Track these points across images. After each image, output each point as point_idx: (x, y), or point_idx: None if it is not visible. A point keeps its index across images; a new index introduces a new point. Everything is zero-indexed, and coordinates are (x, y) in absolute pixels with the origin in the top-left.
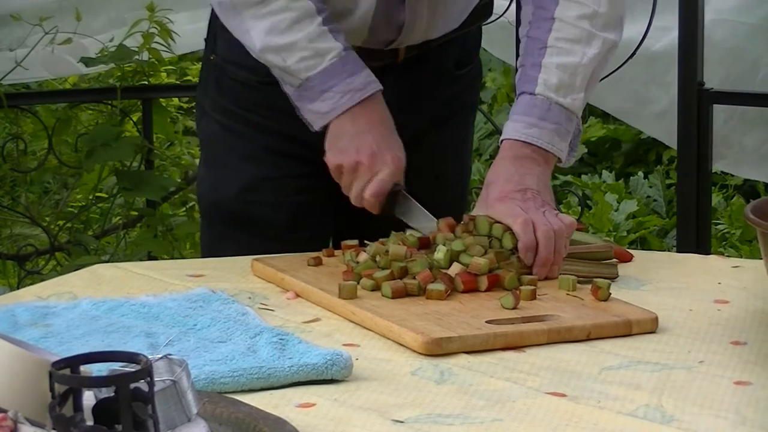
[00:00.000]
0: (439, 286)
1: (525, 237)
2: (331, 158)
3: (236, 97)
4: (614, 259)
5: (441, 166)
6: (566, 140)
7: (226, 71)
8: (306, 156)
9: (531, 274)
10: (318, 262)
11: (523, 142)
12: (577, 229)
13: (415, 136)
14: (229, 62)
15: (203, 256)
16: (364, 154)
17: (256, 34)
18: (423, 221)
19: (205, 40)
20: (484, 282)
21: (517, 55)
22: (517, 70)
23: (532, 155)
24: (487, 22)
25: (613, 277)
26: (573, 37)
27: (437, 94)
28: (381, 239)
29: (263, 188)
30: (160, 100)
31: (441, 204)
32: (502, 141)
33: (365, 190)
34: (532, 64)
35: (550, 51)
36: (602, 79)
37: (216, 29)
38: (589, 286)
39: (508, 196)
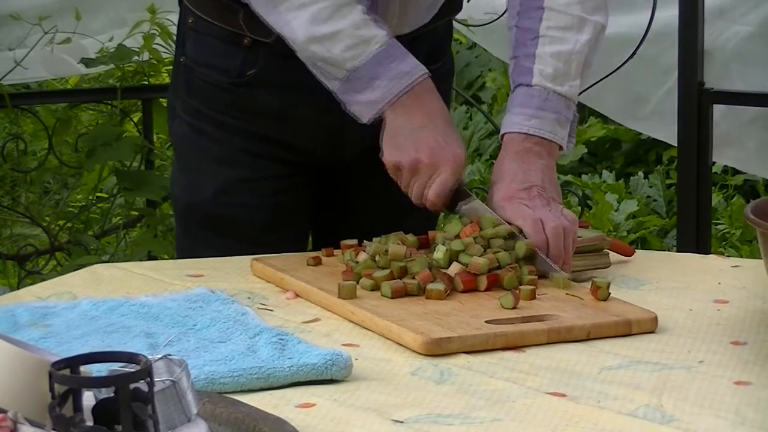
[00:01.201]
0: (438, 286)
1: (536, 237)
2: (389, 156)
3: (207, 98)
4: (606, 250)
5: None
6: (566, 128)
7: (196, 73)
8: (281, 156)
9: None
10: (317, 262)
11: (525, 134)
12: (580, 226)
13: None
14: (198, 63)
15: (179, 258)
16: (423, 152)
17: (299, 25)
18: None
19: (175, 42)
20: (483, 282)
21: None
22: (509, 62)
23: (534, 148)
24: (486, 22)
25: (606, 267)
26: (564, 25)
27: None
28: (378, 238)
29: (239, 190)
30: (161, 100)
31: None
32: (502, 135)
33: (428, 189)
34: (525, 55)
35: (542, 40)
36: (603, 79)
37: (185, 31)
38: (588, 286)
39: (514, 196)
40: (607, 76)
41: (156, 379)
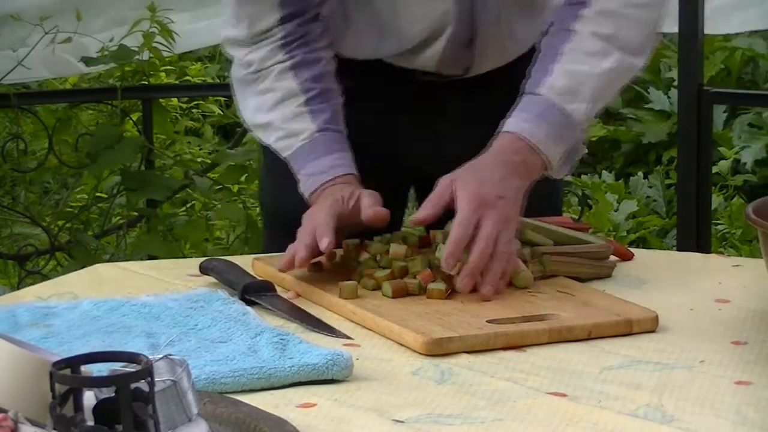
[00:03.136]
0: (439, 286)
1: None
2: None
3: None
4: (610, 259)
5: None
6: (560, 146)
7: None
8: (373, 165)
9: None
10: (318, 269)
11: (516, 136)
12: (580, 229)
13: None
14: None
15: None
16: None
17: (249, 112)
18: None
19: None
20: None
21: None
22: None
23: (515, 158)
24: None
25: (608, 276)
26: (589, 50)
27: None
28: (379, 237)
29: None
30: (160, 100)
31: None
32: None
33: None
34: (541, 69)
35: (562, 58)
36: None
37: None
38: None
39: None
40: None
41: (157, 379)
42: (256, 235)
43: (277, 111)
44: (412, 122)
